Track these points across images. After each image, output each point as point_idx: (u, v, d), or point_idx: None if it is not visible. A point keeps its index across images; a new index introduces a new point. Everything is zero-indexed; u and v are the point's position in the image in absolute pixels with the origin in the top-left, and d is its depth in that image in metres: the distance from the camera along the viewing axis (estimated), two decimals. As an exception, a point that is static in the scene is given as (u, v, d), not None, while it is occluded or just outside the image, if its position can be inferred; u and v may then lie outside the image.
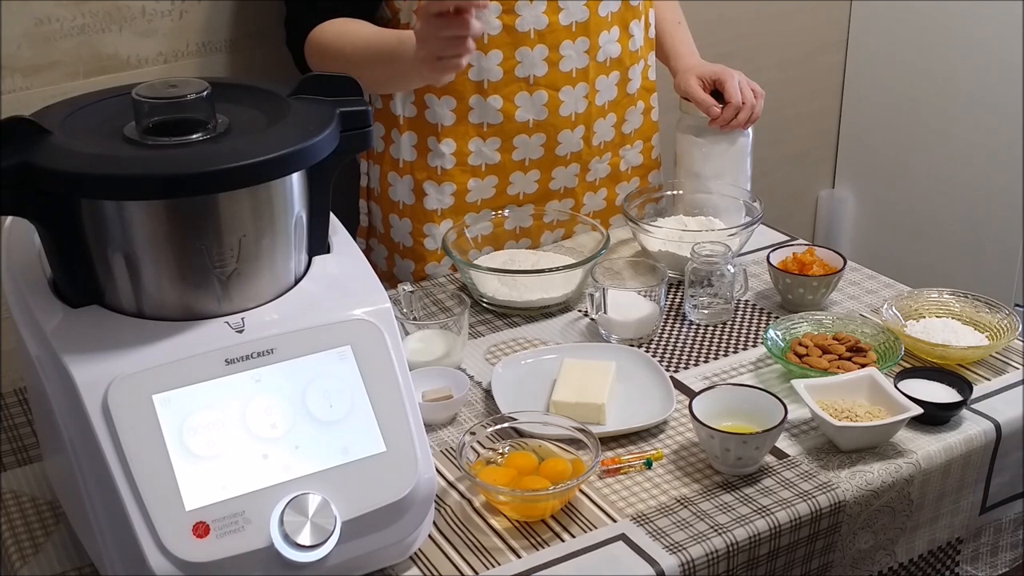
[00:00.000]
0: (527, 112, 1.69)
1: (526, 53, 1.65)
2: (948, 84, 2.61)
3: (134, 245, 1.03)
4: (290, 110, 1.09)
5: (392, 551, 1.10)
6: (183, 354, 1.03)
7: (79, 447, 1.00)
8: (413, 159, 1.73)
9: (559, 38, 1.66)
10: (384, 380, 1.08)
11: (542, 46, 1.65)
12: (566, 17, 1.65)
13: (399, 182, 1.75)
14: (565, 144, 1.74)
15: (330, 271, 1.15)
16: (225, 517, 0.99)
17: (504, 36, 1.63)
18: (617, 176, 1.84)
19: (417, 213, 1.75)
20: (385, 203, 1.78)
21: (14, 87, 1.70)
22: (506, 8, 1.61)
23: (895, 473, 1.27)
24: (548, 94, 1.68)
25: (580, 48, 1.68)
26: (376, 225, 1.82)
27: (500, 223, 1.74)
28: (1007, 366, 1.46)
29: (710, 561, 1.15)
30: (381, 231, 1.81)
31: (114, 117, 1.09)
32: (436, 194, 1.72)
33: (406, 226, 1.77)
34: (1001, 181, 2.55)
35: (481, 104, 1.67)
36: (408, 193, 1.75)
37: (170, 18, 1.79)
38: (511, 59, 1.65)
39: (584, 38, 1.68)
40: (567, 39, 1.66)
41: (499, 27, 1.62)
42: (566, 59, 1.67)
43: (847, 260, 1.62)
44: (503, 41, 1.63)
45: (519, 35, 1.63)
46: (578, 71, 1.69)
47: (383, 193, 1.78)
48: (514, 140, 1.71)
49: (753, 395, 1.31)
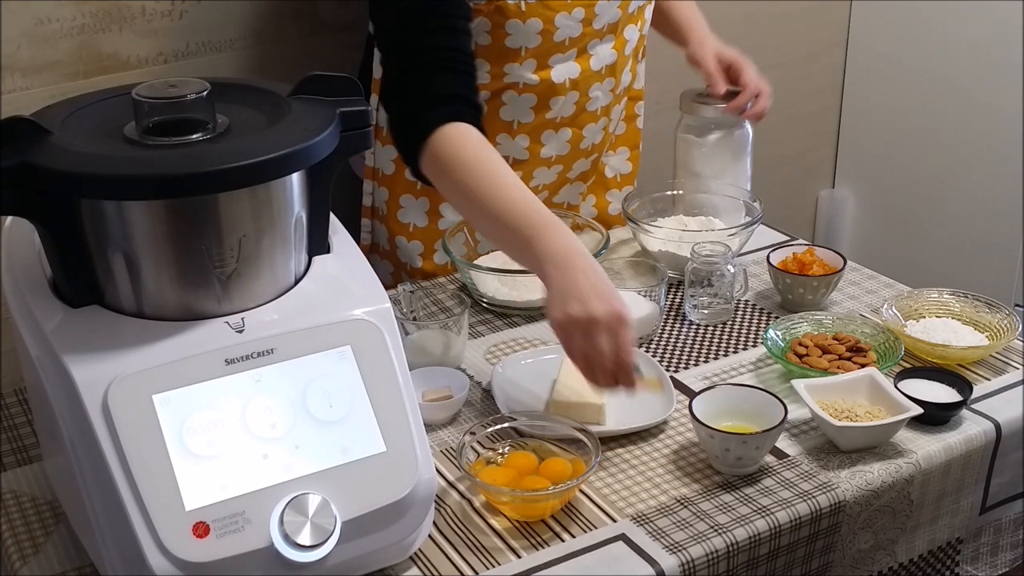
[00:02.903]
0: (551, 149, 1.70)
1: (558, 100, 1.64)
2: (948, 84, 2.60)
3: (134, 245, 1.03)
4: (290, 110, 1.09)
5: (392, 551, 1.10)
6: (183, 354, 1.03)
7: (79, 447, 1.00)
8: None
9: (590, 83, 1.65)
10: (384, 380, 1.08)
11: (574, 92, 1.65)
12: (596, 63, 1.64)
13: (413, 204, 1.72)
14: (576, 169, 1.76)
15: (330, 271, 1.15)
16: (225, 517, 0.99)
17: (541, 86, 1.62)
18: (605, 183, 1.85)
19: (429, 234, 1.74)
20: (393, 224, 1.75)
21: (14, 87, 1.70)
22: (540, 64, 1.60)
23: (895, 473, 1.27)
24: (572, 132, 1.69)
25: (607, 88, 1.68)
26: (380, 243, 1.79)
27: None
28: (1007, 366, 1.46)
29: (710, 561, 1.15)
30: (387, 248, 1.78)
31: (114, 117, 1.09)
32: (452, 215, 1.72)
33: (416, 248, 1.75)
34: (1001, 181, 2.55)
35: (508, 142, 1.67)
36: (422, 216, 1.73)
37: (170, 18, 1.79)
38: (545, 107, 1.65)
39: (611, 79, 1.68)
40: (596, 82, 1.66)
41: (536, 81, 1.61)
42: (593, 100, 1.68)
43: (847, 260, 1.62)
44: (538, 90, 1.63)
45: (556, 86, 1.63)
46: (602, 108, 1.71)
47: (391, 214, 1.74)
48: (534, 172, 1.72)
49: (753, 395, 1.31)
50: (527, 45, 1.57)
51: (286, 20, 1.89)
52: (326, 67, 1.33)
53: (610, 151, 1.84)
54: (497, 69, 1.59)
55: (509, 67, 1.59)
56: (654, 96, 2.01)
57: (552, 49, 1.58)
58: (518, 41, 1.56)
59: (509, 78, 1.60)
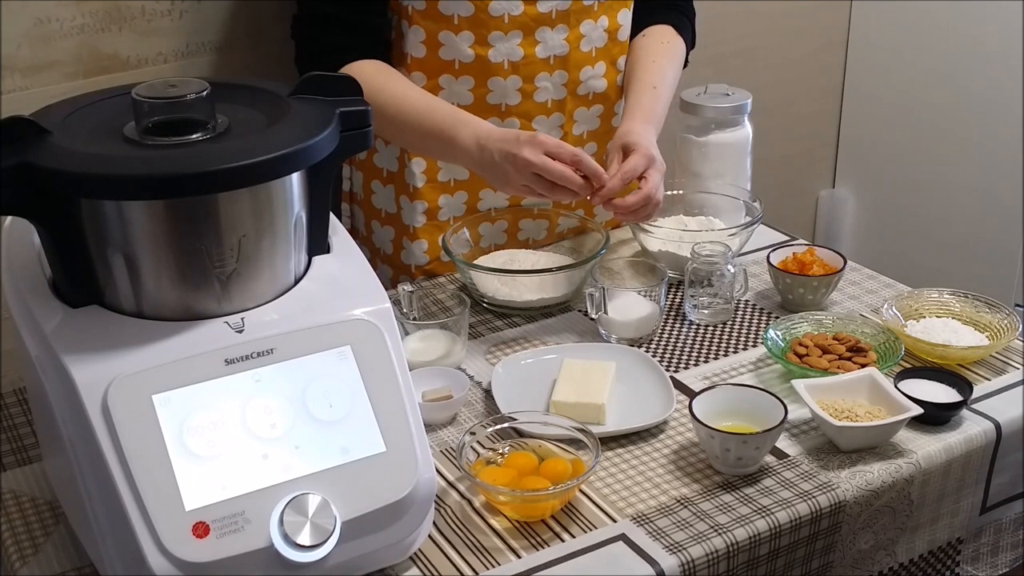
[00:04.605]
0: None
1: (497, 81, 1.64)
2: (948, 84, 2.60)
3: (134, 245, 1.03)
4: (290, 110, 1.09)
5: (392, 551, 1.10)
6: (183, 354, 1.03)
7: (79, 447, 1.00)
8: (395, 171, 1.73)
9: (535, 70, 1.64)
10: (384, 380, 1.08)
11: (515, 77, 1.64)
12: (543, 50, 1.63)
13: (382, 191, 1.75)
14: None
15: (330, 271, 1.15)
16: (225, 517, 0.99)
17: (475, 65, 1.62)
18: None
19: (397, 224, 1.75)
20: (368, 209, 1.79)
21: (14, 87, 1.70)
22: (478, 38, 1.60)
23: (895, 473, 1.27)
24: (520, 123, 1.67)
25: (558, 80, 1.66)
26: (359, 228, 1.82)
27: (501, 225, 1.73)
28: (1007, 366, 1.46)
29: (710, 561, 1.15)
30: (364, 234, 1.82)
31: (114, 117, 1.09)
32: (409, 211, 1.73)
33: (388, 233, 1.77)
34: (1001, 181, 2.55)
35: None
36: (391, 202, 1.75)
37: (170, 18, 1.79)
38: (483, 87, 1.64)
39: (562, 71, 1.66)
40: (544, 71, 1.65)
41: (472, 56, 1.61)
42: (541, 90, 1.66)
43: (847, 260, 1.62)
44: (474, 69, 1.62)
45: (492, 65, 1.62)
46: (554, 102, 1.68)
47: (366, 199, 1.78)
48: None
49: (753, 395, 1.31)
50: (459, 12, 1.57)
51: (286, 20, 1.88)
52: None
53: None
54: (432, 40, 1.60)
55: (445, 35, 1.58)
56: (654, 96, 2.01)
57: (489, 23, 1.59)
58: (450, 7, 1.57)
59: (445, 51, 1.59)
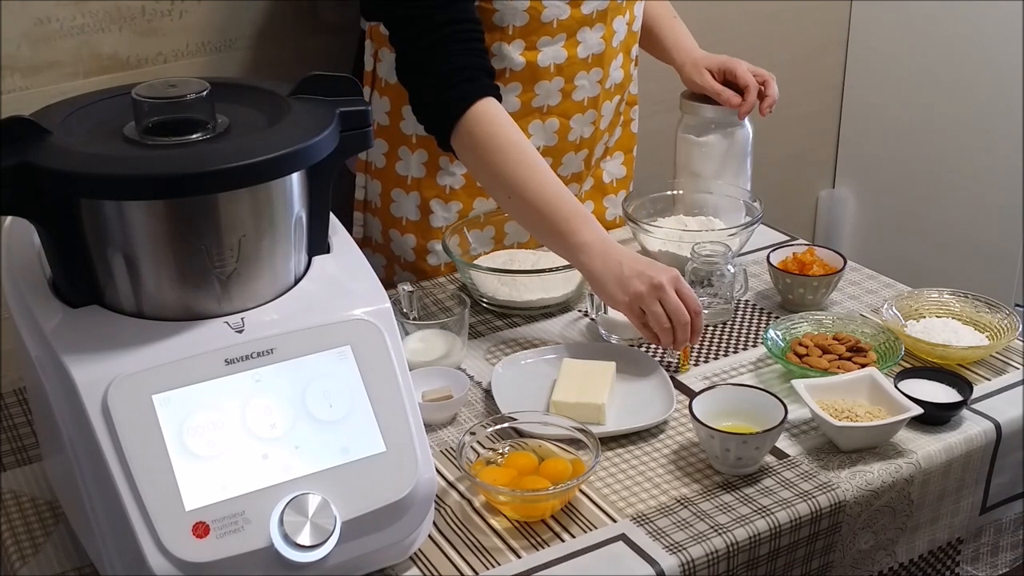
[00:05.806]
0: (538, 139, 1.69)
1: (543, 85, 1.65)
2: (948, 84, 2.60)
3: (134, 245, 1.03)
4: (290, 110, 1.09)
5: (392, 551, 1.10)
6: (183, 354, 1.03)
7: (79, 447, 1.00)
8: (422, 176, 1.71)
9: (575, 70, 1.66)
10: (384, 380, 1.08)
11: (559, 78, 1.65)
12: (584, 50, 1.65)
13: (404, 199, 1.73)
14: (567, 165, 1.75)
15: (330, 271, 1.15)
16: (225, 517, 0.99)
17: (526, 70, 1.63)
18: (603, 188, 1.85)
19: (422, 229, 1.74)
20: (386, 218, 1.76)
21: (14, 87, 1.70)
22: (528, 45, 1.61)
23: (895, 473, 1.26)
24: (560, 122, 1.69)
25: (594, 78, 1.68)
26: (374, 236, 1.79)
27: (501, 224, 1.73)
28: (1007, 366, 1.46)
29: (710, 561, 1.15)
30: (379, 241, 1.79)
31: (114, 117, 1.09)
32: (442, 212, 1.72)
33: (409, 242, 1.75)
34: (1001, 181, 2.55)
35: None
36: (414, 210, 1.73)
37: (170, 18, 1.79)
38: (530, 92, 1.65)
39: (598, 68, 1.68)
40: (583, 70, 1.66)
41: (523, 64, 1.62)
42: (579, 89, 1.68)
43: (847, 260, 1.62)
44: (523, 76, 1.63)
45: (540, 70, 1.63)
46: (589, 99, 1.70)
47: (384, 208, 1.75)
48: None
49: (753, 395, 1.31)
50: (514, 23, 1.58)
51: (286, 20, 1.89)
52: (326, 67, 1.33)
53: (607, 156, 1.84)
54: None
55: (497, 46, 1.59)
56: (653, 96, 2.01)
57: (540, 30, 1.59)
58: (505, 19, 1.57)
59: (496, 61, 1.59)
